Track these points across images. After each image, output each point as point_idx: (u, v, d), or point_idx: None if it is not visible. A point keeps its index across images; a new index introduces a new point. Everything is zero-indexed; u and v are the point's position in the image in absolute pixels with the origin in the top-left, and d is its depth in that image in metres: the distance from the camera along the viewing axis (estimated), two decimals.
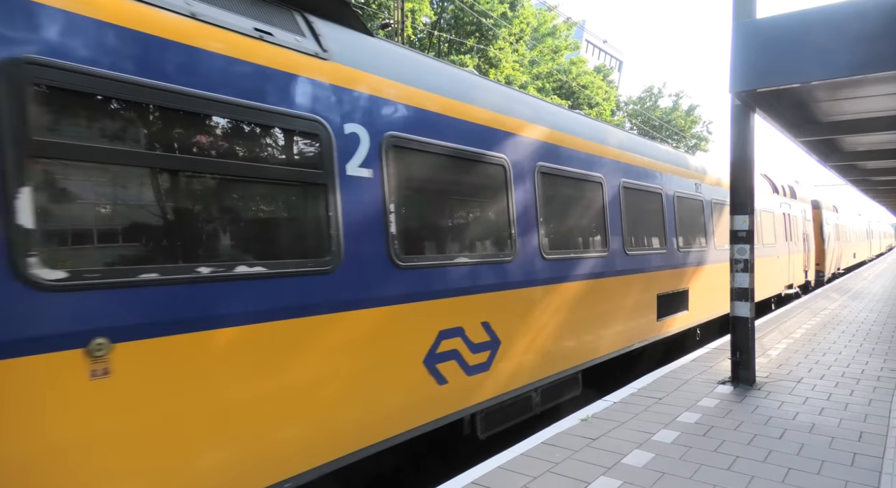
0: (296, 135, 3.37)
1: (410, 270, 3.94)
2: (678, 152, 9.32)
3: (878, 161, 11.14)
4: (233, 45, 3.08)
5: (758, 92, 5.77)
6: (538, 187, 5.30)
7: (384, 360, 3.76)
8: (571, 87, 29.06)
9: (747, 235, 6.22)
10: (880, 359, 7.34)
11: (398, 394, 3.86)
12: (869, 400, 5.51)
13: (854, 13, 4.91)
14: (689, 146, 39.51)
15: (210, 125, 2.97)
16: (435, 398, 4.15)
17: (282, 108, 3.25)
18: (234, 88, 3.04)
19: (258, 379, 3.06)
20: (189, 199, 2.87)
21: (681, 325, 8.27)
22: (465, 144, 4.52)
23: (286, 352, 3.19)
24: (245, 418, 3.00)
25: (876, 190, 19.08)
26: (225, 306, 2.92)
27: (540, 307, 5.25)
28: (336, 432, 3.46)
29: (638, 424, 4.89)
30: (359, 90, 3.75)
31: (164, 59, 2.76)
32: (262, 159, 3.21)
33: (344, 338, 3.50)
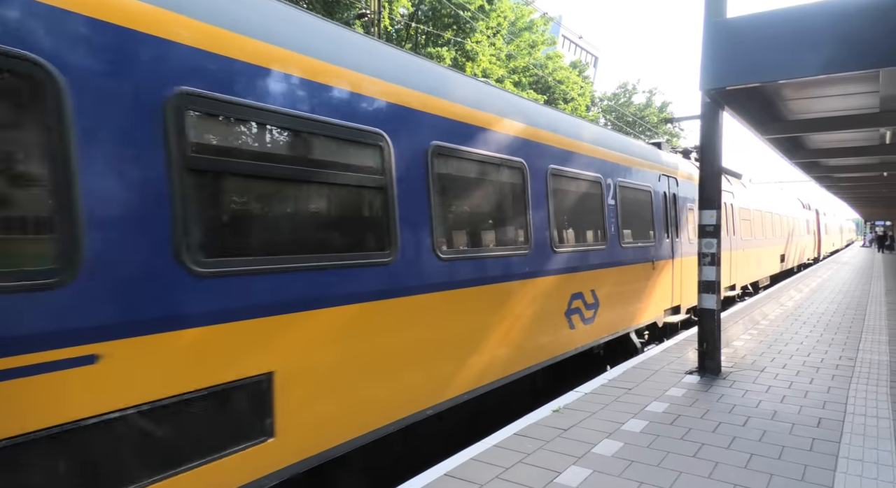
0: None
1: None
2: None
3: (840, 158, 11.49)
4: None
5: (727, 90, 5.88)
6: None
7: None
8: (548, 82, 29.19)
9: (715, 230, 6.34)
10: (839, 348, 7.61)
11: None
12: (828, 387, 5.71)
13: (820, 15, 5.04)
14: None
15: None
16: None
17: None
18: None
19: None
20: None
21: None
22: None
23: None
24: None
25: (838, 186, 19.69)
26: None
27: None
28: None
29: (608, 414, 4.98)
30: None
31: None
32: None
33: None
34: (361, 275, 3.67)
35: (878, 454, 4.01)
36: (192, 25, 2.88)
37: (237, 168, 3.07)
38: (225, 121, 3.02)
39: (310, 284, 3.34)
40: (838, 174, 14.74)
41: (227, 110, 3.00)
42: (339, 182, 3.65)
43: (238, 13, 3.16)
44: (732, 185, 13.77)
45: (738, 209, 13.67)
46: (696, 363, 6.55)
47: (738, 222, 13.66)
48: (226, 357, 2.92)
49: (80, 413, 2.40)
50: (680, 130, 41.24)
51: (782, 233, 19.57)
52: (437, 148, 4.37)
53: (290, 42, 3.39)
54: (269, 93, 3.22)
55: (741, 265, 13.88)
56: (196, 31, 2.89)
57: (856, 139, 9.96)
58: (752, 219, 15.08)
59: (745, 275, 14.37)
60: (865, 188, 20.39)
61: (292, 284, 3.24)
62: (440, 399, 4.37)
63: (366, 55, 3.95)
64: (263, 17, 3.31)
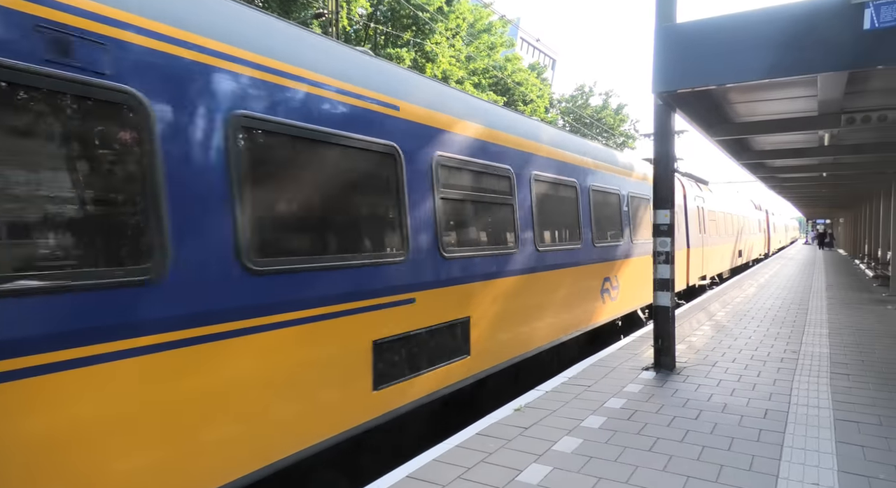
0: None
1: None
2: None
3: (783, 159, 12.02)
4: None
5: (678, 93, 6.06)
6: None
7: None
8: (507, 84, 29.50)
9: (668, 229, 6.53)
10: (784, 342, 7.96)
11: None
12: (774, 380, 5.97)
13: (763, 21, 5.25)
14: (617, 143, 41.09)
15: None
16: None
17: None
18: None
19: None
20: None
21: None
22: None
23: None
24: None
25: (782, 186, 20.61)
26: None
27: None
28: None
29: (568, 411, 5.06)
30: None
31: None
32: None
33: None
34: (516, 259, 5.98)
35: (818, 442, 4.22)
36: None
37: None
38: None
39: (492, 263, 5.53)
40: (782, 174, 15.43)
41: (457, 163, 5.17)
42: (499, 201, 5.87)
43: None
44: (702, 191, 16.18)
45: (707, 212, 15.94)
46: (652, 359, 6.74)
47: (708, 223, 16.03)
48: (450, 307, 4.99)
49: (406, 328, 4.43)
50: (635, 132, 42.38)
51: (740, 231, 22.35)
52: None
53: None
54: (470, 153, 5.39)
55: (710, 259, 16.36)
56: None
57: (797, 141, 10.45)
58: (717, 220, 17.52)
59: (714, 268, 17.08)
60: (807, 188, 21.43)
61: (484, 264, 5.39)
62: (557, 337, 7.05)
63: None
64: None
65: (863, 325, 9.31)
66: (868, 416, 4.80)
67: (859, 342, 7.93)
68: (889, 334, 8.55)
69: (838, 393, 5.45)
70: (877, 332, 8.68)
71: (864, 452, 4.04)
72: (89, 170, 2.65)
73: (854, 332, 8.66)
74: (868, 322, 9.68)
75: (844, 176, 15.79)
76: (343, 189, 4.04)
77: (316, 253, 3.73)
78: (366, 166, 4.22)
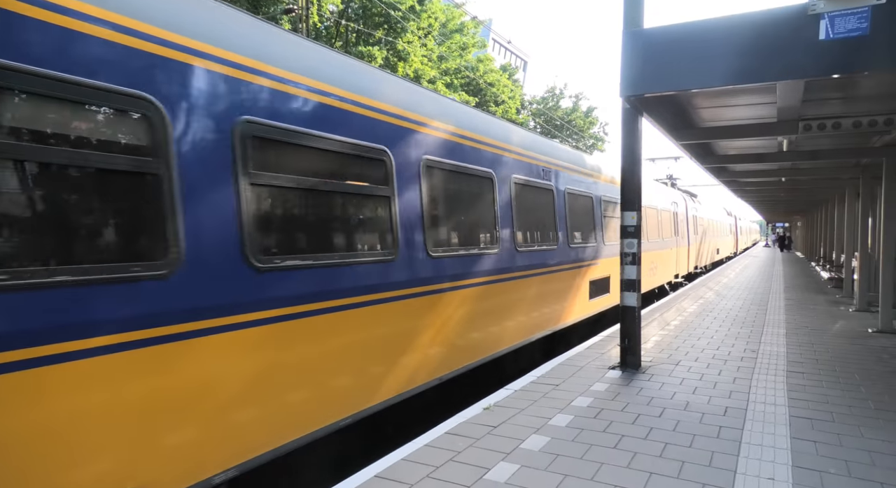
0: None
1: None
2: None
3: (745, 164, 12.41)
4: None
5: (645, 97, 6.21)
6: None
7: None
8: (479, 85, 29.64)
9: (635, 230, 6.68)
10: (744, 341, 8.22)
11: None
12: (734, 378, 6.16)
13: (728, 28, 5.41)
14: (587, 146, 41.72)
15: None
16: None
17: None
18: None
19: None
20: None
21: None
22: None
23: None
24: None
25: (744, 190, 21.26)
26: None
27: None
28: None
29: (536, 410, 5.13)
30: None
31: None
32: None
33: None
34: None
35: (775, 439, 4.38)
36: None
37: None
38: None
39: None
40: (743, 179, 15.93)
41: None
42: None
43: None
44: (694, 203, 22.55)
45: (698, 219, 22.40)
46: (618, 358, 6.87)
47: (699, 227, 22.59)
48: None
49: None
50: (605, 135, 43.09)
51: (718, 233, 29.94)
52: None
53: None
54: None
55: (702, 253, 23.51)
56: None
57: (758, 146, 10.80)
58: (704, 226, 24.01)
59: (701, 261, 23.61)
60: (767, 192, 22.17)
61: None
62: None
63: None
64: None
65: (818, 325, 9.69)
66: (821, 413, 5.00)
67: (814, 341, 8.25)
68: (841, 334, 8.92)
69: (794, 391, 5.67)
70: (830, 332, 9.05)
71: (816, 447, 4.21)
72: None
73: (809, 332, 9.01)
74: (823, 322, 10.08)
75: (802, 181, 16.40)
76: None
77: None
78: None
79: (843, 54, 4.81)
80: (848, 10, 4.51)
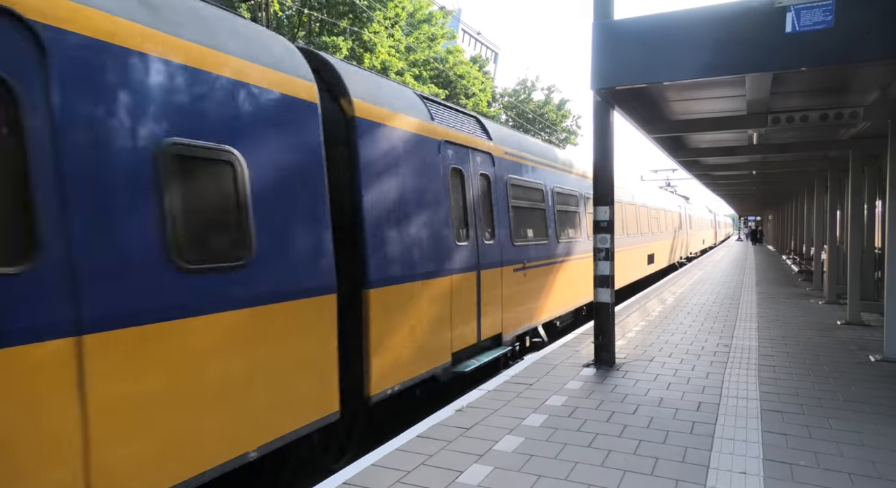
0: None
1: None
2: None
3: (716, 157, 12.73)
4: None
5: (616, 89, 6.30)
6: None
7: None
8: (449, 77, 29.64)
9: (608, 225, 6.78)
10: (717, 336, 8.46)
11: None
12: (707, 373, 6.33)
13: (698, 21, 5.53)
14: (559, 140, 42.17)
15: None
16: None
17: None
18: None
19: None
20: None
21: None
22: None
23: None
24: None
25: (716, 184, 21.83)
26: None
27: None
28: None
29: (510, 410, 5.17)
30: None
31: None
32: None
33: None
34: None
35: (746, 432, 4.52)
36: None
37: None
38: None
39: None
40: (715, 172, 16.34)
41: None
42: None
43: None
44: (688, 203, 31.85)
45: (691, 217, 31.04)
46: (592, 356, 6.98)
47: (693, 223, 31.91)
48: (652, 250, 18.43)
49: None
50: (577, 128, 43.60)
51: (704, 227, 40.03)
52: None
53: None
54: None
55: (693, 243, 32.17)
56: None
57: (729, 140, 11.10)
58: (692, 221, 31.84)
59: (692, 249, 31.77)
60: (738, 185, 22.81)
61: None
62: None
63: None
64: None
65: (788, 318, 10.02)
66: (792, 406, 5.18)
67: (785, 335, 8.53)
68: (811, 326, 9.25)
69: (765, 385, 5.85)
70: (800, 325, 9.37)
71: (787, 440, 4.36)
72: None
73: (781, 325, 9.31)
74: (793, 315, 10.43)
75: (772, 174, 16.92)
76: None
77: None
78: None
79: (809, 47, 4.98)
80: (813, 3, 4.66)
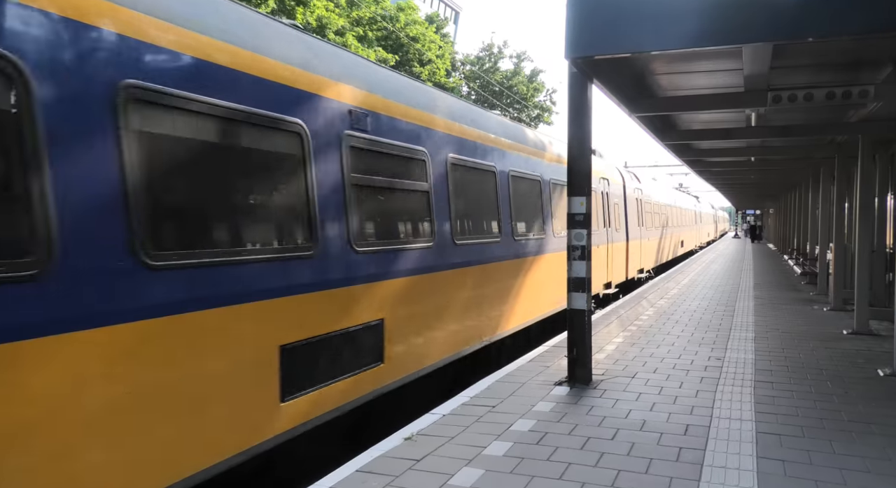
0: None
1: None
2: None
3: (710, 141, 13.15)
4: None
5: (595, 59, 6.41)
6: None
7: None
8: (399, 39, 29.54)
9: (584, 219, 6.88)
10: (708, 348, 8.74)
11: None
12: (696, 391, 6.54)
13: None
14: (531, 117, 42.65)
15: None
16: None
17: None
18: None
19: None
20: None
21: None
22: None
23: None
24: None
25: (710, 172, 22.53)
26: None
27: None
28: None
29: (468, 438, 5.21)
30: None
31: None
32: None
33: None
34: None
35: (740, 459, 4.68)
36: None
37: None
38: None
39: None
40: (709, 158, 16.87)
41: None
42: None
43: None
44: (699, 203, 50.52)
45: (701, 213, 46.78)
46: (566, 372, 7.09)
47: (700, 217, 45.62)
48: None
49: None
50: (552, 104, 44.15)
51: (707, 222, 54.18)
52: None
53: None
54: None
55: (698, 236, 43.09)
56: None
57: (724, 120, 11.49)
58: (700, 217, 45.07)
59: (697, 242, 41.74)
60: (736, 174, 23.61)
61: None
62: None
63: None
64: None
65: (789, 328, 10.45)
66: (791, 427, 5.40)
67: (784, 346, 8.89)
68: (814, 336, 9.67)
69: (761, 404, 6.08)
70: (802, 335, 9.78)
71: (784, 467, 4.54)
72: None
73: (780, 336, 9.69)
74: (794, 324, 10.88)
75: (773, 161, 17.59)
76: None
77: None
78: None
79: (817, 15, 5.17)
80: None
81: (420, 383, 6.72)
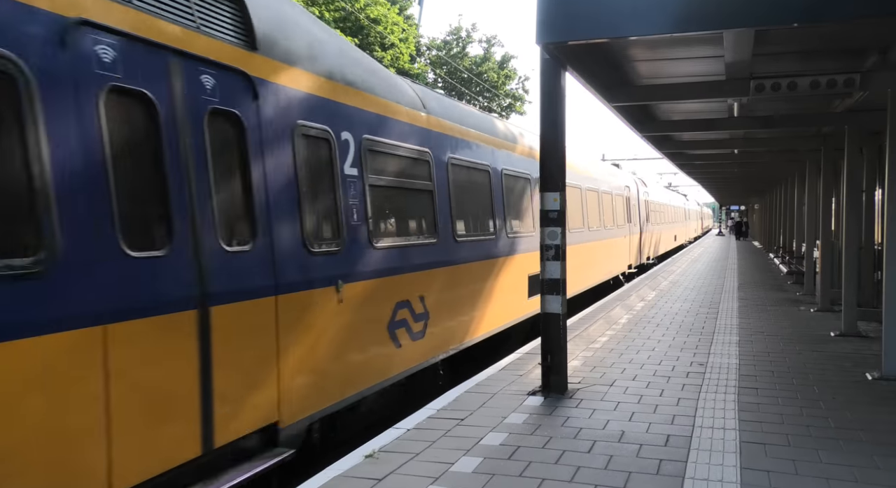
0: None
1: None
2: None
3: (691, 132, 13.38)
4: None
5: (568, 45, 6.47)
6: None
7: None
8: (359, 20, 29.40)
9: (559, 216, 6.93)
10: (690, 353, 8.90)
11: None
12: (678, 399, 6.65)
13: None
14: (502, 106, 42.86)
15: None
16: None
17: None
18: None
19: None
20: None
21: None
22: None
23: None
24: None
25: (692, 165, 22.93)
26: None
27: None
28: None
29: (435, 454, 5.21)
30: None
31: None
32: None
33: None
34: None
35: (723, 471, 4.78)
36: None
37: None
38: None
39: None
40: (691, 150, 17.17)
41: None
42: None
43: None
44: (688, 200, 59.72)
45: (689, 210, 56.14)
46: (540, 381, 7.15)
47: (692, 215, 59.23)
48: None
49: None
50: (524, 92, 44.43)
51: (696, 218, 65.80)
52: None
53: None
54: None
55: (689, 231, 55.11)
56: None
57: (705, 111, 11.69)
58: (689, 214, 55.06)
59: (687, 236, 51.93)
60: (719, 167, 24.08)
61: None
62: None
63: None
64: None
65: (774, 330, 10.69)
66: (776, 436, 5.53)
67: (770, 350, 9.10)
68: (800, 339, 9.92)
69: (745, 412, 6.21)
70: (788, 338, 10.02)
71: (770, 479, 4.64)
72: None
73: (765, 339, 9.92)
74: (780, 326, 11.14)
75: (757, 154, 17.98)
76: None
77: None
78: None
79: None
80: None
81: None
